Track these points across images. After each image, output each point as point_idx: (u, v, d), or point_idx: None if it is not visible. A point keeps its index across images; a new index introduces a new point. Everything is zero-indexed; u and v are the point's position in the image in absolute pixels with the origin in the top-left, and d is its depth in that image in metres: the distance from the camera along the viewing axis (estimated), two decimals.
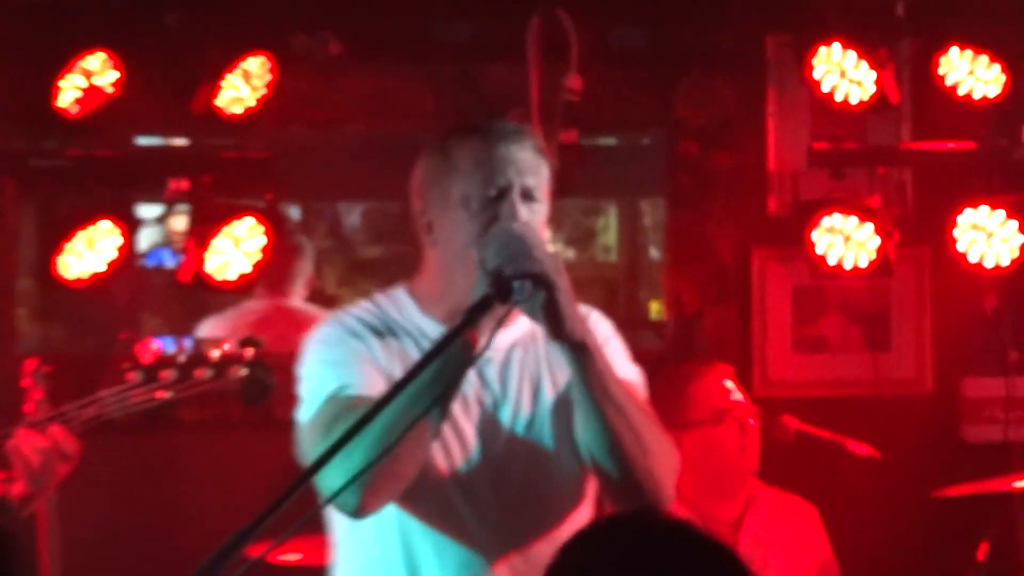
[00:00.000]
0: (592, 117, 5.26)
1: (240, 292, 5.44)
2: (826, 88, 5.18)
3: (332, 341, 2.94)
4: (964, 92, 5.20)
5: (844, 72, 5.16)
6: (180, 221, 5.83)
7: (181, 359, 3.15)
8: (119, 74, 5.00)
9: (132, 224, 5.18)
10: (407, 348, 2.93)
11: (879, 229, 5.23)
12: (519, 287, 2.66)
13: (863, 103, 5.17)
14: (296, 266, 6.18)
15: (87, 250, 5.02)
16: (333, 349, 2.92)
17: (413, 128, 5.67)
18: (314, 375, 2.91)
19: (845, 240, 5.25)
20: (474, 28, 5.63)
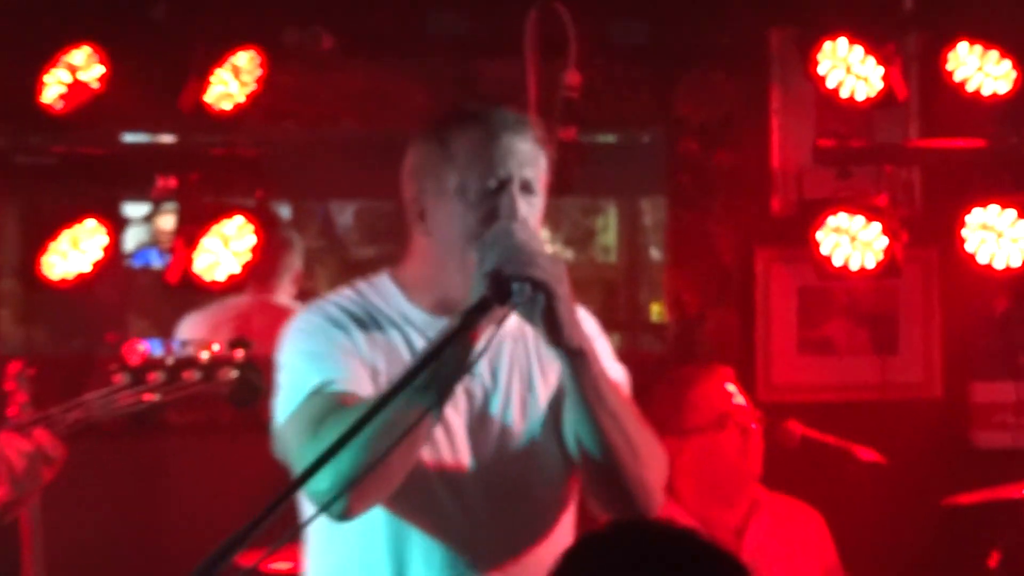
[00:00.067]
0: (591, 114, 5.26)
1: (230, 293, 5.43)
2: (831, 84, 5.19)
3: (312, 330, 2.90)
4: (973, 88, 5.20)
5: (850, 68, 5.16)
6: (168, 220, 5.82)
7: (169, 361, 3.16)
8: (105, 69, 5.00)
9: (118, 223, 5.18)
10: (392, 338, 2.91)
11: (886, 229, 5.24)
12: (518, 289, 2.66)
13: (870, 100, 5.18)
14: (284, 261, 6.09)
15: (72, 250, 5.02)
16: (313, 339, 2.89)
17: (407, 125, 5.64)
18: (294, 366, 2.88)
19: (851, 240, 5.25)
20: (470, 22, 5.63)
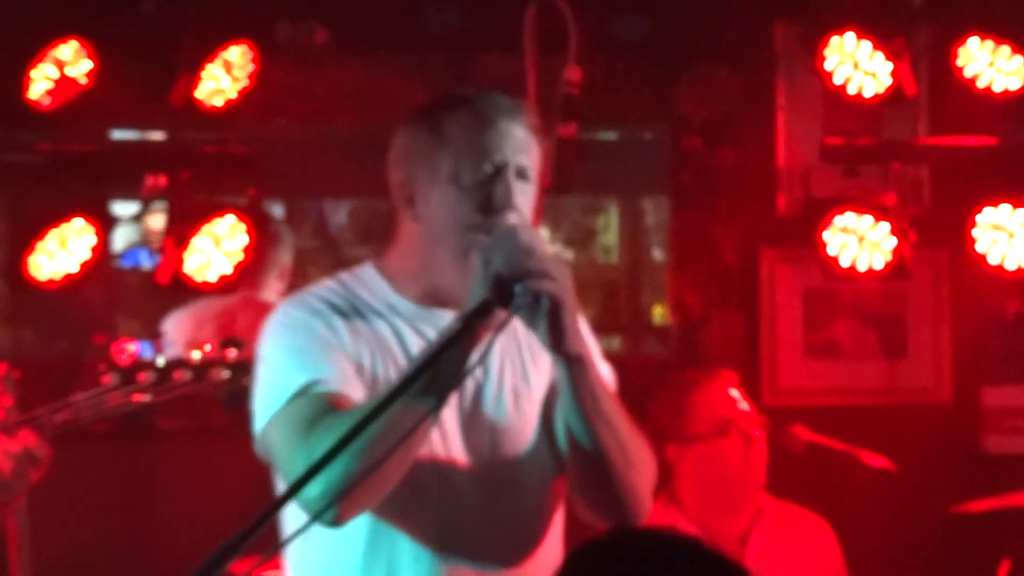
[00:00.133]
0: (592, 111, 5.24)
1: (221, 294, 5.43)
2: (839, 80, 5.19)
3: (294, 324, 2.87)
4: (984, 84, 5.21)
5: (858, 63, 5.17)
6: (158, 219, 5.81)
7: (160, 362, 3.16)
8: (93, 64, 5.01)
9: (107, 222, 5.19)
10: (378, 329, 2.89)
11: (895, 229, 5.24)
12: (521, 292, 2.65)
13: (878, 96, 5.18)
14: (271, 256, 5.97)
15: (60, 250, 5.03)
16: (296, 334, 2.85)
17: None
18: (277, 362, 2.84)
19: (859, 240, 5.26)
20: (467, 17, 5.64)
